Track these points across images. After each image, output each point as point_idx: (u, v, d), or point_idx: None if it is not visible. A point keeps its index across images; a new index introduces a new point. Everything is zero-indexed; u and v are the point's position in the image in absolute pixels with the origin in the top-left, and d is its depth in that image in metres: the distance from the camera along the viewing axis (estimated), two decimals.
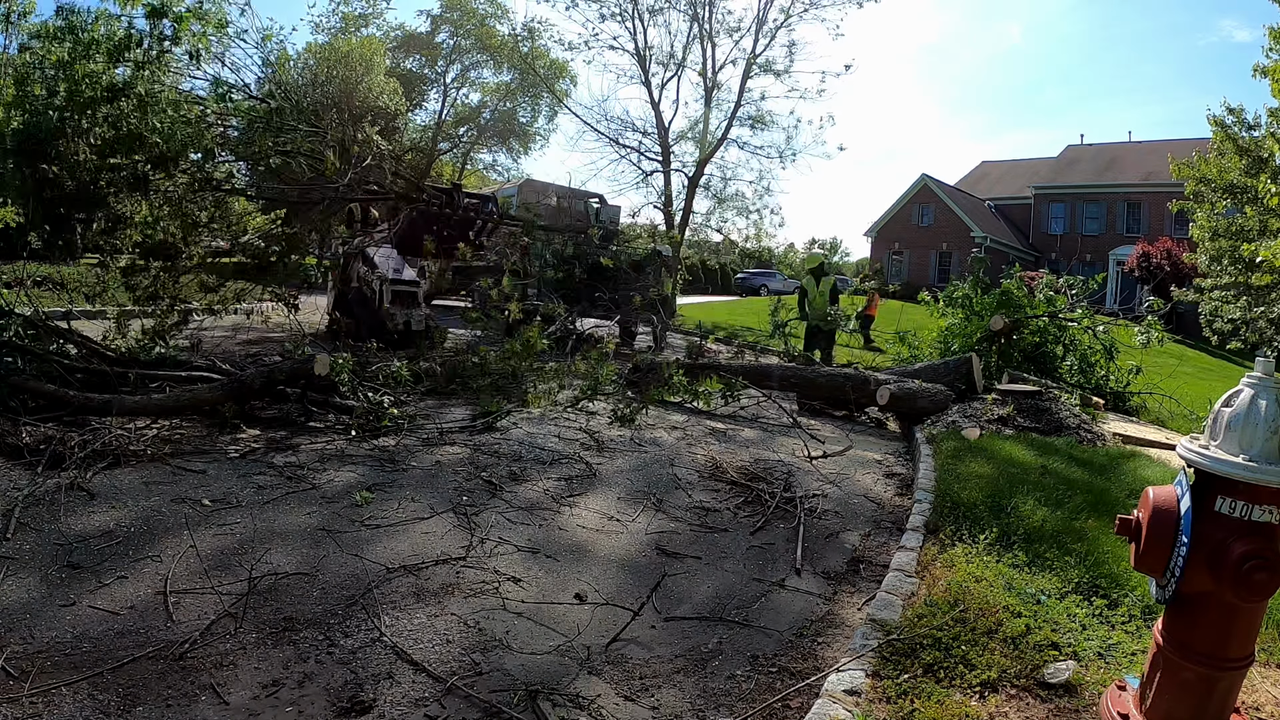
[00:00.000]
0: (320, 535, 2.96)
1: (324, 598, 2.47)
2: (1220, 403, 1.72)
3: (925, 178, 35.56)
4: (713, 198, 20.55)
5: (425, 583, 2.65)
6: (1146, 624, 2.46)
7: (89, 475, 3.27)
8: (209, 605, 2.35)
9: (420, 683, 2.05)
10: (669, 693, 2.14)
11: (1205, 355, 19.33)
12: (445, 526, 3.18)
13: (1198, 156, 14.23)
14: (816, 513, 3.89)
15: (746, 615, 2.67)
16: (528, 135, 34.99)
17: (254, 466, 3.69)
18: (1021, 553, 3.00)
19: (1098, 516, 3.40)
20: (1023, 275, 9.54)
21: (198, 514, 3.03)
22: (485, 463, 4.12)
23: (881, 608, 2.58)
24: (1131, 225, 32.39)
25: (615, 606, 2.63)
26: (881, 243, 36.96)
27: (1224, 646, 1.68)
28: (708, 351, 10.78)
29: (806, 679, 2.25)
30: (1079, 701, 2.06)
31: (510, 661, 2.21)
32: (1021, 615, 2.49)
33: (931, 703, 2.00)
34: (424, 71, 34.00)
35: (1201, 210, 14.34)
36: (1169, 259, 25.33)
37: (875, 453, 5.43)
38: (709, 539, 3.39)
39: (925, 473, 4.32)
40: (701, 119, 20.06)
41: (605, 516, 3.53)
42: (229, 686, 1.95)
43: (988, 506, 3.53)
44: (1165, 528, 1.70)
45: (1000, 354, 8.21)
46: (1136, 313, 9.63)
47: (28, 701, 1.80)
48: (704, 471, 4.45)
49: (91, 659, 2.01)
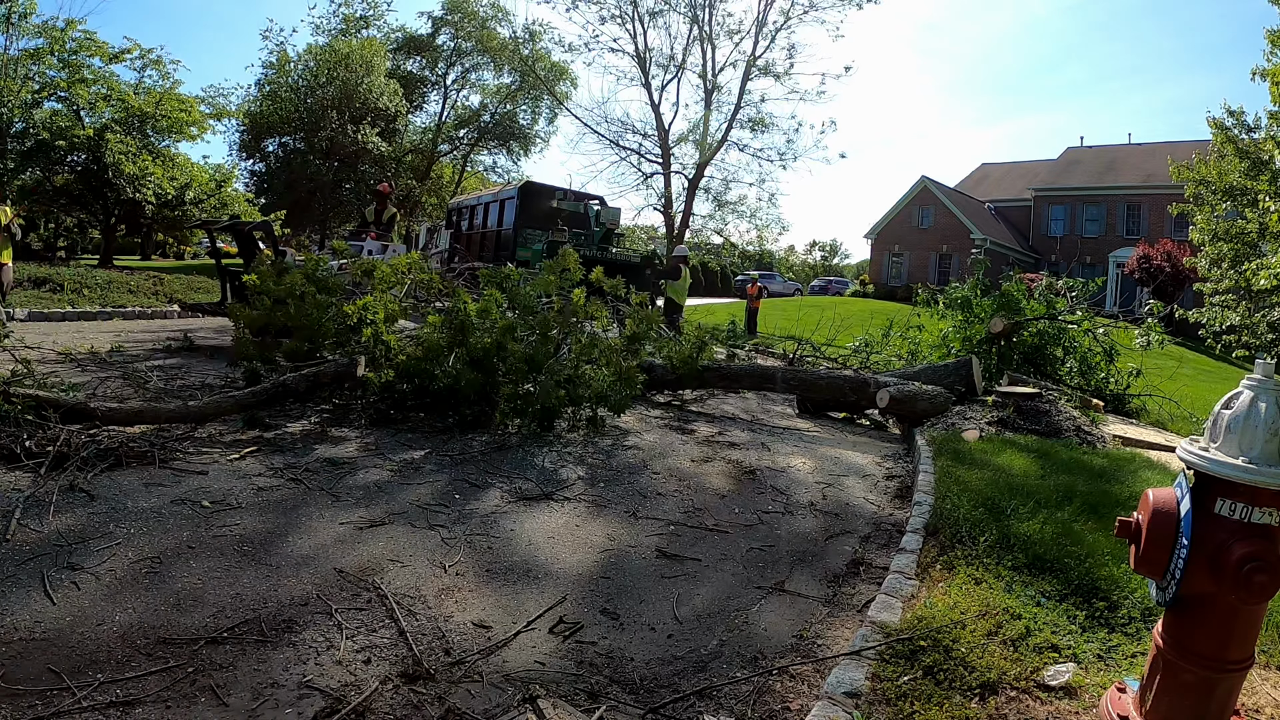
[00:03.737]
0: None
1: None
2: (1220, 405, 1.73)
3: (925, 179, 35.61)
4: (713, 200, 20.61)
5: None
6: (1146, 626, 2.46)
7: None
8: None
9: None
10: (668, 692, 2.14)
11: (1205, 358, 19.33)
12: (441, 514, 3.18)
13: (1197, 159, 14.25)
14: (817, 514, 3.89)
15: (747, 616, 2.67)
16: (528, 137, 35.09)
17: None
18: (1021, 555, 3.00)
19: (1097, 519, 3.40)
20: (1022, 277, 9.55)
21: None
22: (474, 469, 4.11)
23: (881, 609, 2.58)
24: (1131, 227, 32.44)
25: (612, 611, 2.63)
26: (881, 244, 36.98)
27: (1224, 648, 1.68)
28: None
29: (806, 680, 2.25)
30: (1079, 704, 2.06)
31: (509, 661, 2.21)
32: (1021, 617, 2.48)
33: (931, 705, 2.00)
34: (424, 73, 34.07)
35: (1201, 213, 14.36)
36: (1169, 261, 25.35)
37: (875, 454, 5.43)
38: (709, 540, 3.39)
39: (925, 475, 4.32)
40: (701, 121, 20.15)
41: (601, 522, 3.53)
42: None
43: (987, 509, 3.52)
44: (1165, 530, 1.70)
45: (1000, 356, 8.21)
46: (1136, 315, 9.63)
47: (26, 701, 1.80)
48: (704, 472, 4.45)
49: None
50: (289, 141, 29.49)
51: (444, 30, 32.97)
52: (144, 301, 10.96)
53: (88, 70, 17.94)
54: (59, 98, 17.57)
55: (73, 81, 17.34)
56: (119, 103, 18.24)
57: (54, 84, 17.34)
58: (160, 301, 11.28)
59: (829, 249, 70.09)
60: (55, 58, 17.22)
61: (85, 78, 17.74)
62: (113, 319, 9.52)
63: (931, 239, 34.73)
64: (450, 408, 4.98)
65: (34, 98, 16.74)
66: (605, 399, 5.16)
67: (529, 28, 28.50)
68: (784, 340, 13.27)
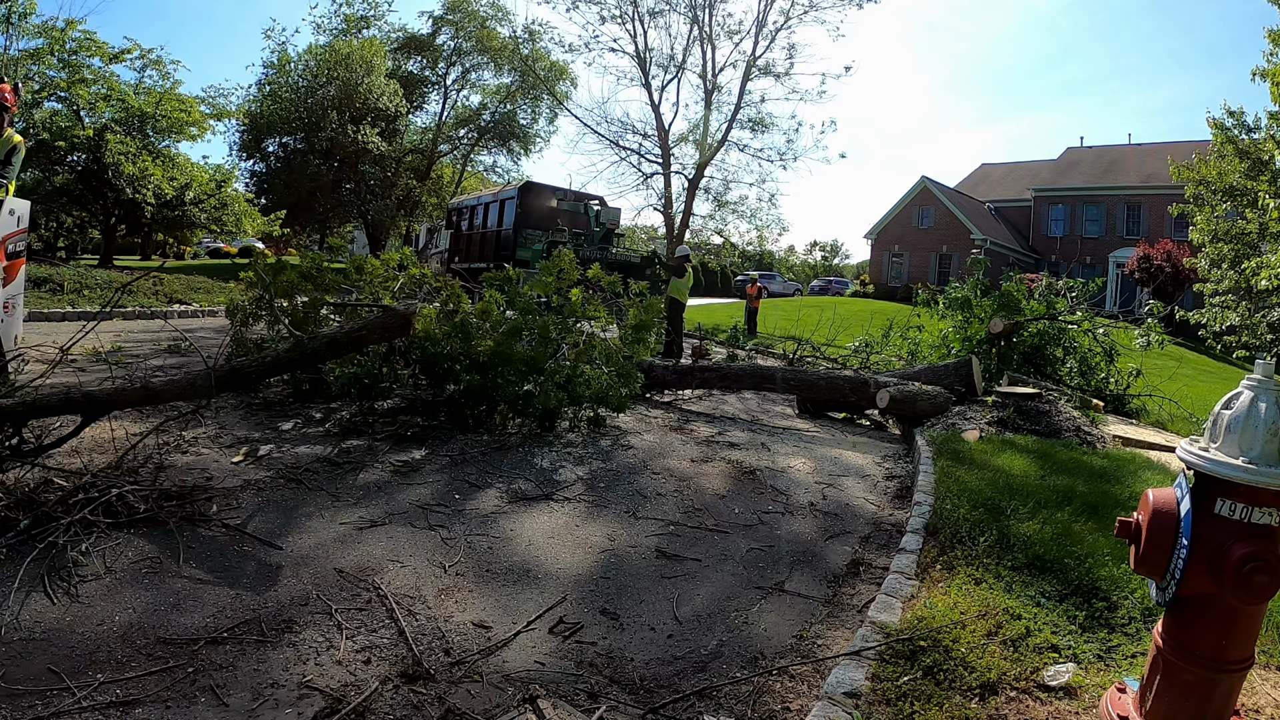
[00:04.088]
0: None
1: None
2: (1220, 405, 1.72)
3: (925, 180, 35.61)
4: (713, 200, 20.63)
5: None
6: (1146, 626, 2.46)
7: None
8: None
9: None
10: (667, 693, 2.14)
11: (1205, 358, 19.34)
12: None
13: (1198, 159, 14.25)
14: (817, 514, 3.89)
15: (746, 616, 2.67)
16: (528, 137, 35.07)
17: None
18: (1021, 555, 3.00)
19: (1097, 519, 3.40)
20: (1022, 277, 9.55)
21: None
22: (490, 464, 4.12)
23: (881, 610, 2.58)
24: (1131, 228, 32.44)
25: (612, 611, 2.63)
26: (881, 245, 36.99)
27: (1224, 649, 1.68)
28: (710, 354, 10.79)
29: (806, 681, 2.25)
30: (1079, 704, 2.06)
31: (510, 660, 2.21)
32: (1021, 617, 2.49)
33: (931, 705, 2.00)
34: (425, 73, 34.06)
35: (1201, 213, 14.36)
36: (1169, 261, 25.35)
37: (875, 455, 5.43)
38: (708, 540, 3.39)
39: (925, 476, 4.32)
40: (701, 121, 20.17)
41: (601, 522, 3.53)
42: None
43: (987, 509, 3.52)
44: (1165, 530, 1.70)
45: (1000, 356, 8.22)
46: (1136, 315, 9.64)
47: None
48: (703, 473, 4.45)
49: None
50: (289, 141, 29.49)
51: (444, 30, 32.97)
52: (144, 302, 10.98)
53: (88, 70, 17.93)
54: (59, 98, 17.56)
55: (73, 81, 17.33)
56: (119, 103, 18.24)
57: (54, 84, 17.33)
58: (160, 302, 11.29)
59: (829, 249, 70.14)
60: (55, 58, 17.21)
61: (85, 78, 17.73)
62: (113, 319, 9.52)
63: (931, 239, 34.73)
64: (452, 410, 4.99)
65: (34, 98, 16.74)
66: (605, 399, 5.17)
67: (529, 28, 28.54)
68: (784, 340, 13.30)
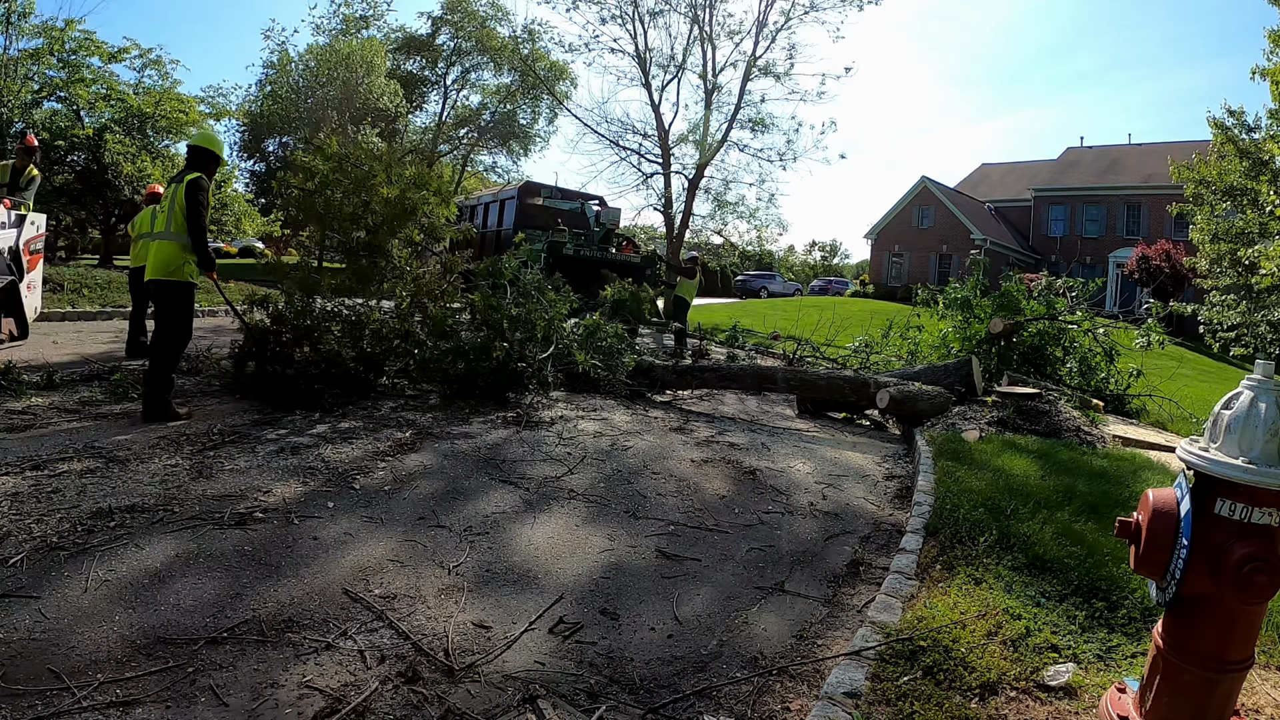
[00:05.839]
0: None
1: None
2: (1220, 405, 1.72)
3: (925, 180, 35.60)
4: (713, 200, 20.62)
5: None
6: (1146, 626, 2.46)
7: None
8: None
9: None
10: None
11: (1205, 358, 19.33)
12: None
13: (1198, 159, 14.26)
14: (817, 515, 3.89)
15: (746, 617, 2.67)
16: (528, 137, 35.06)
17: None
18: (1021, 555, 3.00)
19: (1097, 519, 3.40)
20: (1022, 277, 9.55)
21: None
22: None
23: (881, 610, 2.58)
24: (1131, 228, 32.42)
25: (612, 611, 2.63)
26: (881, 245, 36.96)
27: (1224, 649, 1.68)
28: (710, 354, 10.80)
29: (806, 681, 2.25)
30: (1079, 704, 2.06)
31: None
32: (1021, 617, 2.49)
33: (931, 705, 2.00)
34: (424, 73, 34.05)
35: (1201, 213, 14.37)
36: (1168, 261, 25.35)
37: (875, 455, 5.43)
38: (709, 540, 3.39)
39: (925, 476, 4.32)
40: (701, 121, 20.13)
41: (601, 523, 3.53)
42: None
43: (987, 509, 3.52)
44: (1165, 530, 1.70)
45: (1000, 356, 8.22)
46: (1136, 315, 9.64)
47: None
48: (703, 473, 4.44)
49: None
50: (289, 141, 29.50)
51: (444, 30, 32.95)
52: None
53: (87, 70, 17.93)
54: (58, 98, 17.56)
55: (72, 81, 17.33)
56: (118, 103, 18.23)
57: (53, 84, 17.33)
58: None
59: (829, 249, 70.02)
60: (54, 58, 17.20)
61: (84, 78, 17.73)
62: (113, 319, 9.51)
63: (931, 239, 34.70)
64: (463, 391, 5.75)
65: (33, 98, 16.73)
66: (614, 353, 6.40)
67: (529, 27, 28.49)
68: (784, 340, 13.29)
